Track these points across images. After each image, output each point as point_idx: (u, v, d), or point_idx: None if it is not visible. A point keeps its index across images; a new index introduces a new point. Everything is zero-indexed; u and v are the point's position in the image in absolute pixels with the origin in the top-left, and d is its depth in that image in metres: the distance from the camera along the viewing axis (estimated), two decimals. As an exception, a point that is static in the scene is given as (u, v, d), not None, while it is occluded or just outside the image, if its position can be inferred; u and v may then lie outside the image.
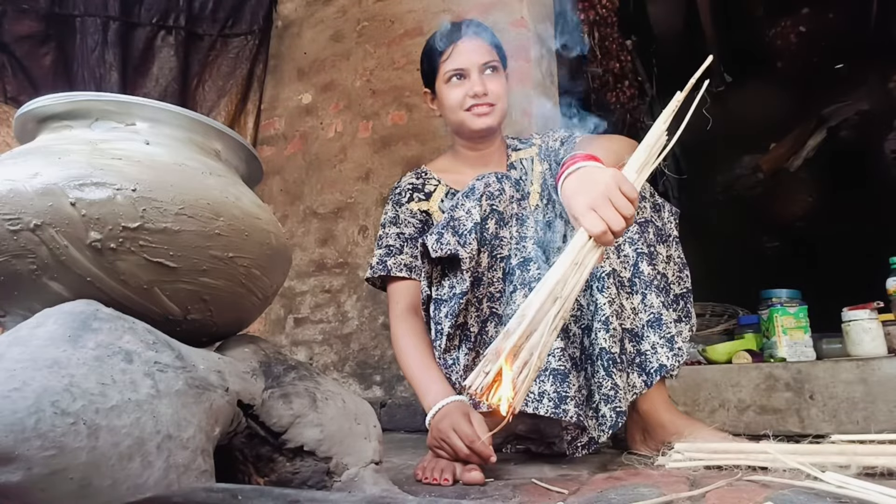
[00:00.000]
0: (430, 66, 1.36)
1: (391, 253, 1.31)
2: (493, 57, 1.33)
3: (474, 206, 1.10)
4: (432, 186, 1.39)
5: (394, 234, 1.33)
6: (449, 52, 1.32)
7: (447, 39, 1.33)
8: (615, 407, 1.07)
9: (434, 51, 1.35)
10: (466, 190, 1.14)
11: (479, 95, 1.29)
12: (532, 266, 1.11)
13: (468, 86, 1.30)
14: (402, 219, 1.34)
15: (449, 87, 1.33)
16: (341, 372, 2.15)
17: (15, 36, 2.04)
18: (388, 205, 1.38)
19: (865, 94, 3.67)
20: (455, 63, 1.31)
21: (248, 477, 0.70)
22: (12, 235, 0.61)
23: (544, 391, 1.04)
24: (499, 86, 1.32)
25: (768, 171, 4.01)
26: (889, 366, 1.43)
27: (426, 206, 1.36)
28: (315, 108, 2.48)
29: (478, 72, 1.30)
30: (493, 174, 1.15)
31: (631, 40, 3.34)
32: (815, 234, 3.80)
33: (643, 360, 1.11)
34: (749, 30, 4.04)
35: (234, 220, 0.70)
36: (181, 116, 0.75)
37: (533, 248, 1.12)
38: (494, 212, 1.12)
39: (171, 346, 0.61)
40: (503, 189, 1.13)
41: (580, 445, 1.08)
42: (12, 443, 0.45)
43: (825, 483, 0.70)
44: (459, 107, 1.31)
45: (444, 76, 1.33)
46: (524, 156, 1.41)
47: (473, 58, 1.30)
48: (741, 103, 4.22)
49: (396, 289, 1.30)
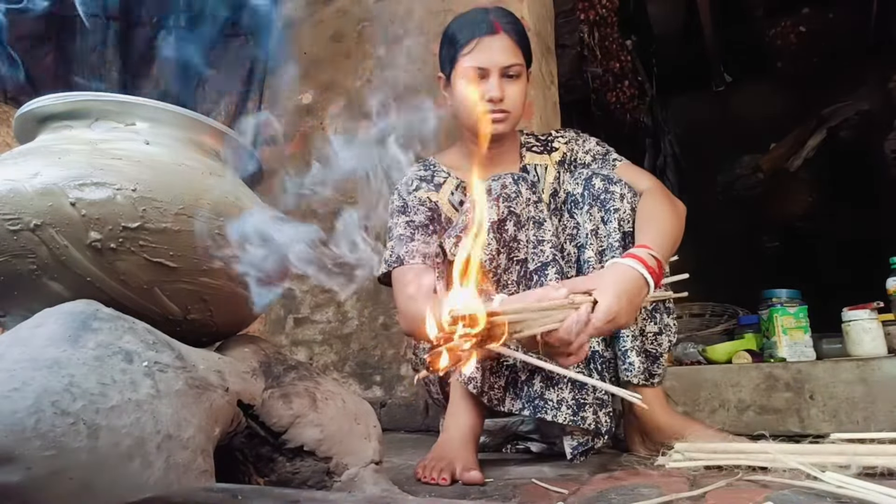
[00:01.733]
0: (450, 54, 1.26)
1: (402, 242, 1.21)
2: (518, 60, 1.23)
3: (491, 208, 1.06)
4: (441, 178, 1.30)
5: (403, 223, 1.24)
6: (472, 47, 1.21)
7: (472, 30, 1.22)
8: (609, 412, 1.07)
9: (456, 39, 1.24)
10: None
11: (496, 101, 1.21)
12: (550, 270, 1.08)
13: (485, 87, 1.21)
14: (410, 206, 1.25)
15: (465, 84, 1.23)
16: (341, 372, 2.15)
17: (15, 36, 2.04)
18: (394, 195, 1.29)
19: (865, 94, 3.67)
20: (476, 61, 1.21)
21: (248, 477, 0.70)
22: (12, 235, 0.61)
23: (563, 399, 1.04)
24: (517, 93, 1.23)
25: (768, 171, 4.00)
26: (889, 366, 1.43)
27: (435, 196, 1.27)
28: (315, 108, 2.48)
29: (498, 75, 1.21)
30: (510, 175, 1.11)
31: (631, 40, 3.34)
32: (815, 234, 3.80)
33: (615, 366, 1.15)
34: (749, 30, 4.04)
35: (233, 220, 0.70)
36: (181, 116, 0.75)
37: (551, 252, 1.09)
38: (512, 213, 1.09)
39: (171, 346, 0.61)
40: (520, 191, 1.10)
41: (579, 452, 1.07)
42: (12, 443, 0.45)
43: (825, 483, 0.70)
44: (473, 107, 1.23)
45: (462, 70, 1.23)
46: (539, 161, 1.33)
47: (497, 59, 1.21)
48: (741, 103, 4.22)
49: (403, 272, 1.18)
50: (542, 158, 1.34)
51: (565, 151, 1.33)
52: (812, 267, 3.65)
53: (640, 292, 0.94)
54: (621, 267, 0.96)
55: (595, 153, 1.31)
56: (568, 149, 1.34)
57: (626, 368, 1.12)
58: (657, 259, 0.98)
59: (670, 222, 1.11)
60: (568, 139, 1.35)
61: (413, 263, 1.18)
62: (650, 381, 1.13)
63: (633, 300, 0.92)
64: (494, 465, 1.12)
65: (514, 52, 1.23)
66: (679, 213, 1.15)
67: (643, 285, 0.95)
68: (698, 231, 1.16)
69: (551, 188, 1.30)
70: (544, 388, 1.05)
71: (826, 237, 3.70)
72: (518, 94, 1.24)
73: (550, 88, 2.14)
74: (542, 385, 1.05)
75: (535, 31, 2.05)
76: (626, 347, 1.13)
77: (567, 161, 1.33)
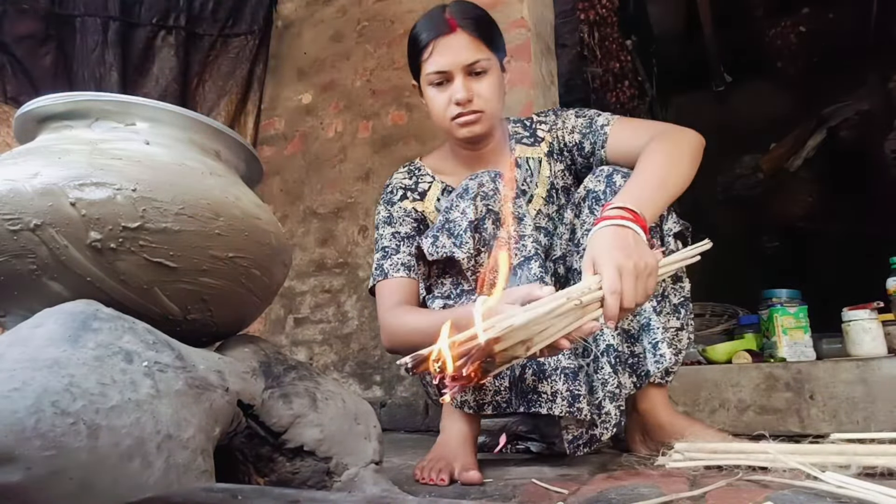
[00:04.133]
0: (413, 62, 1.22)
1: (387, 255, 1.21)
2: (482, 55, 1.15)
3: (469, 207, 1.04)
4: (426, 184, 1.28)
5: (388, 234, 1.23)
6: (430, 51, 1.16)
7: (429, 33, 1.16)
8: (619, 405, 1.06)
9: (416, 43, 1.19)
10: (460, 190, 1.08)
11: (463, 103, 1.15)
12: (534, 264, 1.05)
13: (451, 90, 1.16)
14: (395, 217, 1.24)
15: (432, 91, 1.19)
16: (341, 372, 2.15)
17: (15, 36, 2.04)
18: (379, 205, 1.28)
19: (865, 94, 3.67)
20: (436, 64, 1.15)
21: (248, 477, 0.70)
22: (12, 235, 0.61)
23: (557, 390, 1.01)
24: (488, 88, 1.17)
25: (768, 171, 4.01)
26: (889, 366, 1.43)
27: (421, 206, 1.26)
28: (315, 108, 2.48)
29: (462, 74, 1.15)
30: (487, 172, 1.08)
31: (631, 40, 3.34)
32: (816, 234, 3.80)
33: (636, 361, 1.11)
34: (749, 30, 4.04)
35: (234, 220, 0.70)
36: (181, 116, 0.75)
37: (532, 247, 1.07)
38: (491, 212, 1.06)
39: (171, 346, 0.61)
40: (497, 189, 1.07)
41: (582, 444, 1.06)
42: (12, 443, 0.45)
43: (825, 483, 0.70)
44: (443, 114, 1.18)
45: (426, 77, 1.18)
46: (531, 154, 1.29)
47: (457, 58, 1.14)
48: (741, 103, 4.22)
49: (386, 285, 1.18)
50: (534, 151, 1.29)
51: (550, 140, 1.29)
52: (812, 267, 3.65)
53: (627, 238, 0.84)
54: (591, 238, 0.88)
55: (580, 128, 1.24)
56: (552, 136, 1.28)
57: (657, 360, 1.07)
58: (624, 208, 0.89)
59: (655, 167, 1.01)
60: (549, 125, 1.30)
61: (396, 276, 1.17)
62: (666, 377, 1.12)
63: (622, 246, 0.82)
64: (494, 465, 1.12)
65: (476, 47, 1.15)
66: (681, 146, 1.06)
67: (626, 233, 0.85)
68: (698, 231, 1.16)
69: (547, 182, 1.27)
70: (536, 381, 1.04)
71: (826, 237, 3.70)
72: (489, 89, 1.17)
73: (550, 88, 2.14)
74: (534, 378, 1.04)
75: (535, 32, 2.05)
76: (656, 339, 1.08)
77: (555, 150, 1.28)
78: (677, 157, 1.04)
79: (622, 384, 1.07)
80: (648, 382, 1.10)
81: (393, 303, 1.16)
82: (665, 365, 1.07)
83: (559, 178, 1.28)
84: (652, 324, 1.10)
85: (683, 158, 1.04)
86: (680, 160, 1.03)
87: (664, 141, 1.07)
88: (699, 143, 1.09)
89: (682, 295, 1.16)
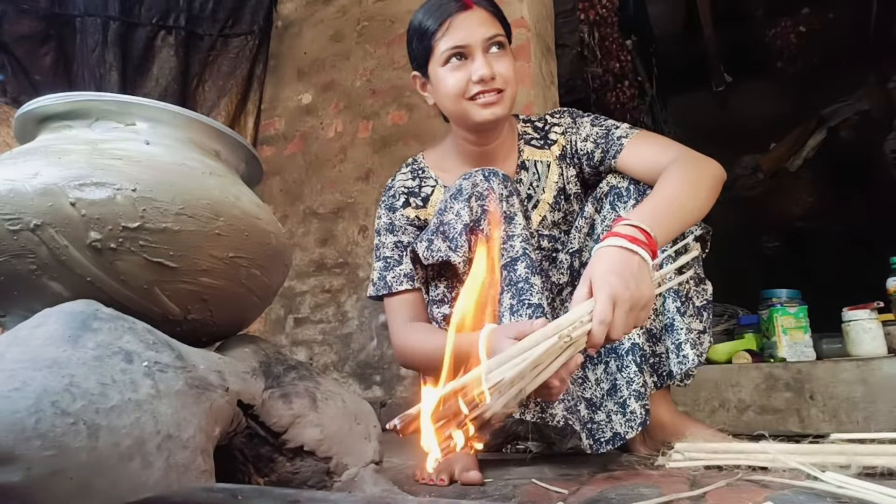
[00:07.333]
0: (422, 45, 1.15)
1: (389, 266, 1.17)
2: (500, 30, 1.11)
3: (463, 209, 1.01)
4: (429, 188, 1.23)
5: (391, 243, 1.19)
6: (446, 27, 1.10)
7: (442, 11, 1.11)
8: (645, 404, 1.03)
9: (425, 27, 1.13)
10: (454, 191, 1.04)
11: (486, 80, 1.09)
12: (520, 265, 1.01)
13: (471, 68, 1.09)
14: (397, 225, 1.20)
15: (447, 71, 1.11)
16: (341, 372, 2.15)
17: (15, 36, 2.04)
18: (380, 208, 1.23)
19: (865, 94, 3.67)
20: (454, 39, 1.09)
21: (248, 477, 0.70)
22: (12, 235, 0.61)
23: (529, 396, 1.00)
24: (507, 67, 1.11)
25: (768, 171, 4.01)
26: (889, 366, 1.43)
27: (424, 213, 1.22)
28: (315, 108, 2.48)
29: (482, 50, 1.09)
30: (480, 171, 1.05)
31: (631, 40, 3.34)
32: (816, 234, 3.80)
33: (657, 361, 1.10)
34: (749, 30, 4.04)
35: (234, 220, 0.70)
36: (181, 116, 0.75)
37: (521, 247, 1.03)
38: (486, 212, 1.03)
39: (171, 346, 0.61)
40: (492, 188, 1.03)
41: (604, 441, 1.04)
42: (12, 443, 0.45)
43: (825, 483, 0.70)
44: (461, 95, 1.11)
45: (440, 57, 1.11)
46: (540, 157, 1.24)
47: (477, 32, 1.09)
48: (741, 103, 4.22)
49: (395, 301, 1.16)
50: (543, 154, 1.24)
51: (563, 144, 1.24)
52: (812, 267, 3.65)
53: (630, 265, 0.81)
54: (595, 255, 0.85)
55: (594, 137, 1.19)
56: (566, 140, 1.23)
57: (680, 362, 1.05)
58: (637, 227, 0.86)
59: (673, 188, 0.98)
60: (564, 128, 1.24)
61: (401, 290, 1.15)
62: (686, 380, 1.10)
63: (623, 275, 0.79)
64: (494, 465, 1.12)
65: (493, 23, 1.12)
66: (703, 175, 1.02)
67: (632, 259, 0.81)
68: (698, 231, 1.15)
69: (555, 187, 1.23)
70: None
71: (826, 237, 3.70)
72: (509, 68, 1.11)
73: (550, 88, 2.14)
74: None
75: (535, 32, 2.05)
76: (680, 340, 1.06)
77: (567, 155, 1.23)
78: (699, 186, 1.01)
79: (647, 383, 1.05)
80: (669, 383, 1.08)
81: (402, 320, 1.14)
82: (688, 367, 1.05)
83: (571, 184, 1.24)
84: (676, 324, 1.08)
85: (705, 189, 1.01)
86: (701, 189, 1.00)
87: (688, 166, 1.03)
88: (721, 176, 1.05)
89: (704, 298, 1.13)
